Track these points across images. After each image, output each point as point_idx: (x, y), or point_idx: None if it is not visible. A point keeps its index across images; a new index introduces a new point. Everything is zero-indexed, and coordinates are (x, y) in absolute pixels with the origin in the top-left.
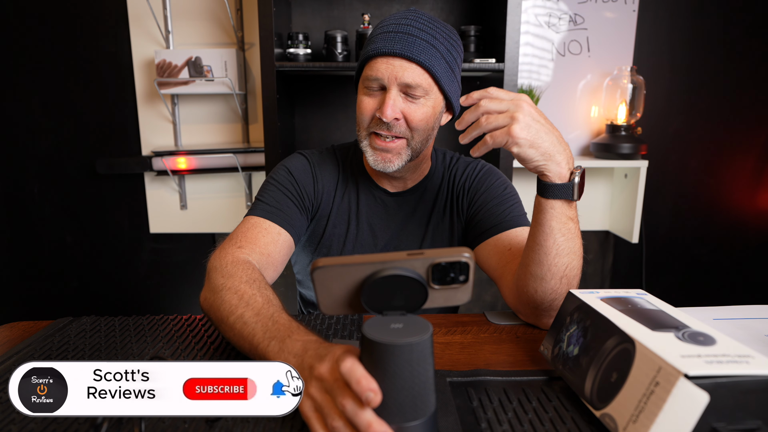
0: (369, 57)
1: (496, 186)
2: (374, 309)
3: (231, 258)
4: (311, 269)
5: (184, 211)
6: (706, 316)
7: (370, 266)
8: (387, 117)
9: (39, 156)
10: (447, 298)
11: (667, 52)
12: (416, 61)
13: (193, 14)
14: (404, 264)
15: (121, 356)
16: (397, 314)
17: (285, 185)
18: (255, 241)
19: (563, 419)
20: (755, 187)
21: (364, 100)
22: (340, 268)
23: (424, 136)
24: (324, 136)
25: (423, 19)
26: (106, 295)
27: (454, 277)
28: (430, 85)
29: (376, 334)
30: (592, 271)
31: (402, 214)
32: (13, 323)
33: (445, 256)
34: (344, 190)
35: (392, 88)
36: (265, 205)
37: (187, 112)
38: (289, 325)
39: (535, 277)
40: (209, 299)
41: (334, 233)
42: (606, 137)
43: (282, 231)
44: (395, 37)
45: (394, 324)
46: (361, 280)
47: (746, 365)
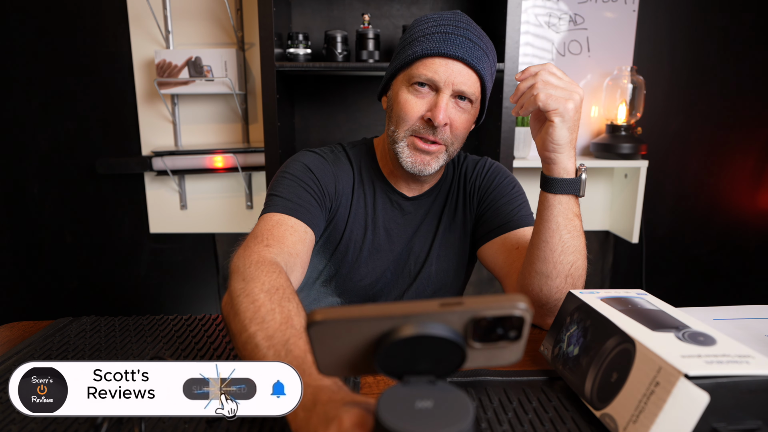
0: (426, 54)
1: (505, 184)
2: (392, 374)
3: (256, 257)
4: (306, 324)
5: (184, 211)
6: (706, 316)
7: (388, 321)
8: (440, 122)
9: (39, 156)
10: (489, 358)
11: (667, 52)
12: (475, 68)
13: (193, 14)
14: (435, 318)
15: (121, 356)
16: (423, 381)
17: (304, 180)
18: (283, 240)
19: (563, 419)
20: (755, 187)
21: (410, 100)
22: (345, 324)
23: (460, 144)
24: (324, 136)
25: (475, 27)
26: (106, 295)
27: (503, 334)
28: (479, 93)
29: (397, 421)
30: (592, 271)
31: (417, 218)
32: (13, 323)
33: (493, 309)
34: (360, 193)
35: (446, 92)
36: (285, 201)
37: (187, 112)
38: (303, 361)
39: (541, 274)
40: (227, 303)
41: (351, 238)
42: (606, 137)
43: (308, 229)
44: (456, 39)
45: (420, 401)
46: (374, 337)
47: (746, 365)
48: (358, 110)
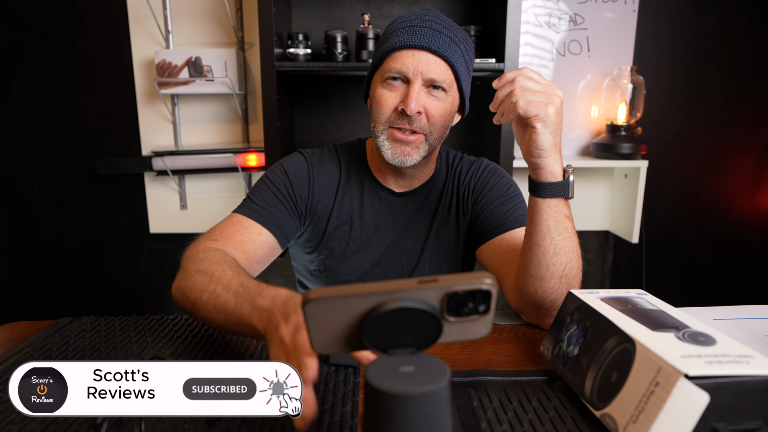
0: (393, 49)
1: (501, 185)
2: (378, 347)
3: (203, 247)
4: (302, 302)
5: (184, 211)
6: (706, 316)
7: (373, 297)
8: (411, 110)
9: (39, 156)
10: (463, 332)
11: (667, 52)
12: (442, 55)
13: (193, 14)
14: (414, 294)
15: (121, 356)
16: (405, 353)
17: (278, 186)
18: (230, 237)
19: (563, 419)
20: (755, 187)
21: (384, 94)
22: (336, 301)
23: (441, 133)
24: (324, 136)
25: (443, 18)
26: (106, 295)
27: (473, 308)
28: (451, 81)
29: (383, 382)
30: (592, 271)
31: (407, 215)
32: (13, 323)
33: (463, 284)
34: (347, 190)
35: (416, 81)
36: (252, 204)
37: (187, 112)
38: (258, 285)
39: (535, 277)
40: (181, 286)
41: (335, 234)
42: (606, 137)
43: (263, 231)
44: (421, 30)
45: (403, 366)
46: (362, 313)
47: (746, 365)
48: (358, 110)
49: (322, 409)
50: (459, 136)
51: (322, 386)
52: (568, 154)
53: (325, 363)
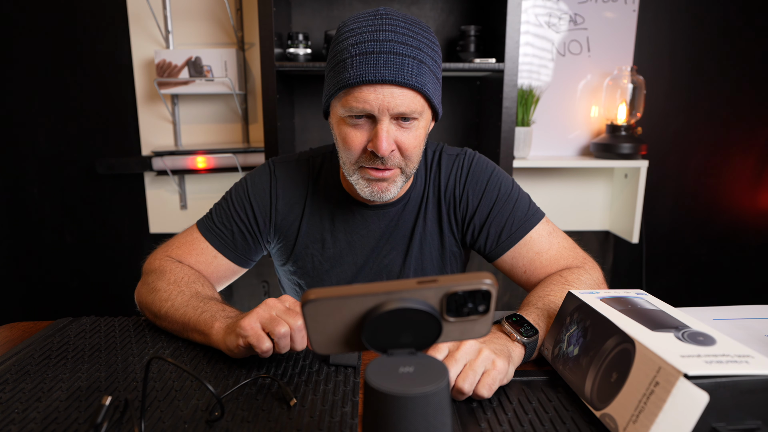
0: (350, 85)
1: (490, 189)
2: (377, 348)
3: (158, 264)
4: (302, 302)
5: (184, 211)
6: (706, 316)
7: (373, 297)
8: (383, 152)
9: (39, 156)
10: (463, 332)
11: (667, 52)
12: (408, 85)
13: (193, 14)
14: (413, 294)
15: (121, 356)
16: (404, 353)
17: (237, 209)
18: (185, 256)
19: (563, 419)
20: (755, 187)
21: (349, 134)
22: (335, 301)
23: (417, 160)
24: (324, 136)
25: (401, 26)
26: (106, 295)
27: (473, 308)
28: (423, 106)
29: (383, 383)
30: None
31: (382, 227)
32: (13, 323)
33: (463, 284)
34: (315, 206)
35: (384, 119)
36: (212, 224)
37: (187, 112)
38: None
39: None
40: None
41: (306, 253)
42: (606, 137)
43: (218, 255)
44: (379, 59)
45: (402, 367)
46: (361, 314)
47: (746, 365)
48: None
49: (323, 409)
50: (459, 136)
51: (322, 386)
52: (569, 154)
53: (325, 363)
